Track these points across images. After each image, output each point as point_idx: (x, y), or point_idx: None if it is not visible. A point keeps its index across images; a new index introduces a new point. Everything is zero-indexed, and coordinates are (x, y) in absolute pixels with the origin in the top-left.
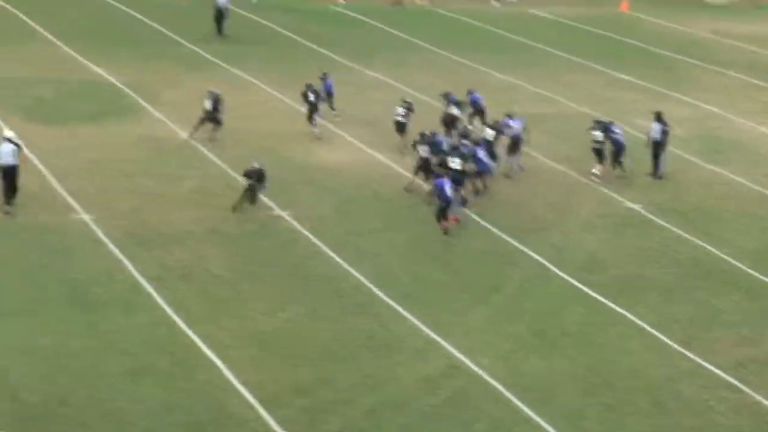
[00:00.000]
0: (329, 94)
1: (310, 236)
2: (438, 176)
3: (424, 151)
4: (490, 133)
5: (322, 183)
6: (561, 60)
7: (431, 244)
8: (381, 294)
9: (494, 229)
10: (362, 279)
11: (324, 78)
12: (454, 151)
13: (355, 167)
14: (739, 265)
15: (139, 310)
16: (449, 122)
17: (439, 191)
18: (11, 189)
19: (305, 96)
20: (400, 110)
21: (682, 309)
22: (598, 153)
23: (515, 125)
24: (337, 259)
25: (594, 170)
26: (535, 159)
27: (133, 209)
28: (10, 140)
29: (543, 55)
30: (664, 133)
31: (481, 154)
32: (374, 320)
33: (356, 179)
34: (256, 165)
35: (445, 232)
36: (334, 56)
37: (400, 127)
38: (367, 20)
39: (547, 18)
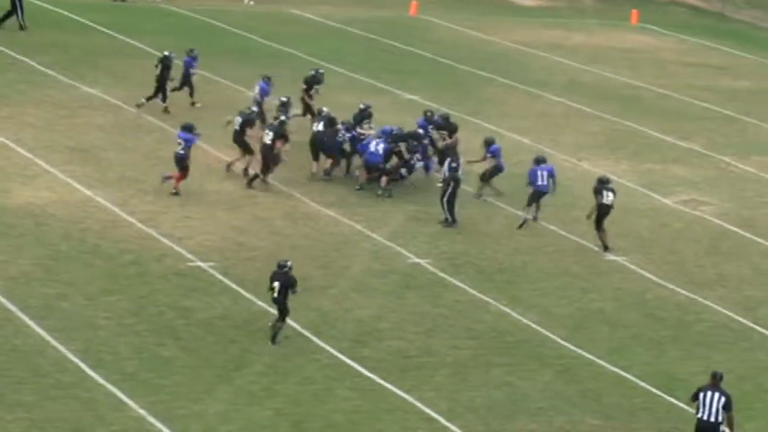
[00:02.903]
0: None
1: (1, 299)
2: None
3: None
4: None
5: (19, 231)
6: (330, 74)
7: (161, 313)
8: (93, 374)
9: (241, 290)
10: (68, 354)
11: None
12: None
13: (65, 211)
14: (551, 335)
15: None
16: None
17: None
18: None
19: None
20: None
21: (480, 393)
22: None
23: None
24: (36, 328)
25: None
26: (298, 200)
27: None
28: None
29: (306, 67)
30: (454, 169)
31: None
32: (84, 407)
33: (67, 227)
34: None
35: None
36: (36, 65)
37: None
38: (80, 19)
39: (313, 20)
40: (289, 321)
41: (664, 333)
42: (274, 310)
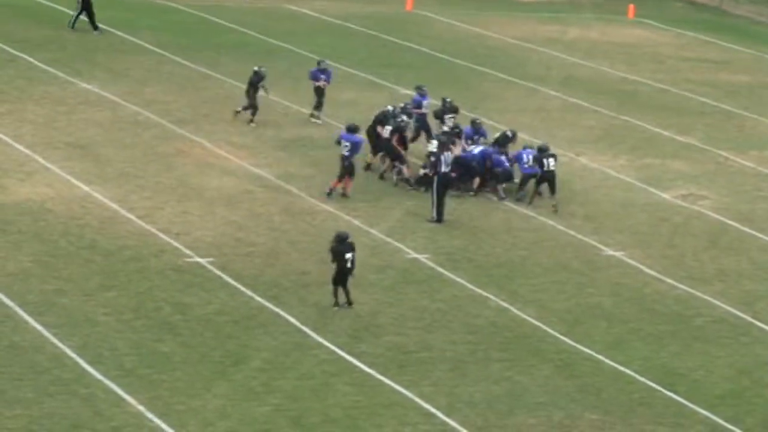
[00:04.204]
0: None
1: (0, 296)
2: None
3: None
4: None
5: (17, 227)
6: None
7: (159, 308)
8: (92, 370)
9: (239, 285)
10: (67, 350)
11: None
12: None
13: (64, 207)
14: (550, 330)
15: None
16: None
17: None
18: None
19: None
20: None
21: (479, 388)
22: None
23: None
24: (35, 324)
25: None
26: (296, 196)
27: None
28: None
29: (305, 63)
30: (433, 164)
31: None
32: (83, 403)
33: (65, 223)
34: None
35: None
36: (35, 62)
37: None
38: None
39: (310, 16)
40: (286, 316)
41: (662, 328)
42: (272, 306)
